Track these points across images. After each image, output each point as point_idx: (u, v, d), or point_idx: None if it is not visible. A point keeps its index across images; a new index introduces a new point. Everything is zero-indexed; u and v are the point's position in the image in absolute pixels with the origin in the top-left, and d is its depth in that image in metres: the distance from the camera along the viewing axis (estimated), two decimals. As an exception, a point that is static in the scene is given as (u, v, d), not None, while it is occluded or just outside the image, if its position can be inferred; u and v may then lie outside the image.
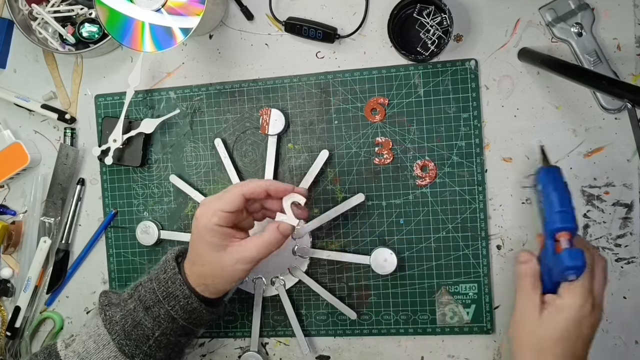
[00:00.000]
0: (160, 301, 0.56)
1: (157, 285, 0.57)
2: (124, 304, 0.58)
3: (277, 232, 0.56)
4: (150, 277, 0.58)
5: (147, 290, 0.57)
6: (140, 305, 0.57)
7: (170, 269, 0.57)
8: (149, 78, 0.71)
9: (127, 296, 0.59)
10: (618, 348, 0.63)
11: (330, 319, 0.68)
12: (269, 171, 0.67)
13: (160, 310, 0.56)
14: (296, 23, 0.66)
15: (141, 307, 0.57)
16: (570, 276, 0.52)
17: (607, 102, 0.61)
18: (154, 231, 0.70)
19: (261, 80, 0.68)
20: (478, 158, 0.64)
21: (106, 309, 0.58)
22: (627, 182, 0.62)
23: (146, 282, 0.58)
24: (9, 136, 0.74)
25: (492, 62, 0.64)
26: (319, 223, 0.66)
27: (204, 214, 0.56)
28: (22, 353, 0.75)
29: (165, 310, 0.56)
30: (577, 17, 0.60)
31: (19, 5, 0.71)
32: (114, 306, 0.58)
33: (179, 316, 0.57)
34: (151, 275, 0.59)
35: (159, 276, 0.58)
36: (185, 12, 0.59)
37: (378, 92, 0.66)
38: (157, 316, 0.56)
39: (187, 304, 0.56)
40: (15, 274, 0.75)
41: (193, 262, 0.57)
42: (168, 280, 0.57)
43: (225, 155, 0.68)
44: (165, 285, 0.57)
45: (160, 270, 0.58)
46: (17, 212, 0.75)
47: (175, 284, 0.57)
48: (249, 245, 0.56)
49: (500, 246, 0.64)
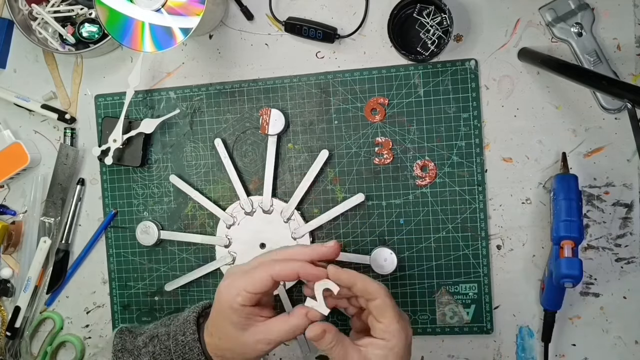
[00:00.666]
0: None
1: (175, 346, 0.55)
2: (137, 352, 0.56)
3: (305, 319, 0.52)
4: (168, 332, 0.56)
5: (162, 348, 0.55)
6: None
7: (190, 333, 0.55)
8: (149, 78, 0.71)
9: (142, 344, 0.57)
10: (618, 348, 0.63)
11: (330, 319, 0.68)
12: (269, 171, 0.67)
13: None
14: (296, 23, 0.66)
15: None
16: (566, 283, 0.54)
17: (607, 102, 0.61)
18: (154, 231, 0.70)
19: (261, 80, 0.68)
20: (478, 158, 0.64)
21: (119, 355, 0.57)
22: (627, 182, 0.62)
23: (163, 336, 0.56)
24: (9, 136, 0.74)
25: (492, 62, 0.64)
26: (319, 223, 0.66)
27: (229, 291, 0.52)
28: (22, 353, 0.75)
29: None
30: (577, 17, 0.60)
31: (19, 5, 0.71)
32: (127, 353, 0.57)
33: None
34: (169, 330, 0.56)
35: (177, 337, 0.55)
36: (185, 12, 0.59)
37: (378, 92, 0.66)
38: None
39: None
40: (15, 274, 0.75)
41: (212, 333, 0.54)
42: (186, 345, 0.55)
43: (225, 155, 0.68)
44: (182, 349, 0.55)
45: (179, 330, 0.56)
46: (17, 212, 0.75)
47: (193, 351, 0.54)
48: (273, 328, 0.53)
49: (500, 246, 0.64)
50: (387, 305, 0.51)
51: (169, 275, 0.71)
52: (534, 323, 0.64)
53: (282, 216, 0.67)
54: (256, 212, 0.68)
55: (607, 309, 0.63)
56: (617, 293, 0.62)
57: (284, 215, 0.67)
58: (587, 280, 0.63)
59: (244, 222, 0.68)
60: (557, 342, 0.63)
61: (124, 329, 0.60)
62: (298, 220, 0.67)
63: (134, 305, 0.73)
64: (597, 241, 0.62)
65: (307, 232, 0.66)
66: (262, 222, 0.68)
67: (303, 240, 0.67)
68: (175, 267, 0.71)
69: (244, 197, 0.68)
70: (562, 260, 0.55)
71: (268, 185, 0.67)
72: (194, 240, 0.69)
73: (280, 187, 0.68)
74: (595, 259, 0.62)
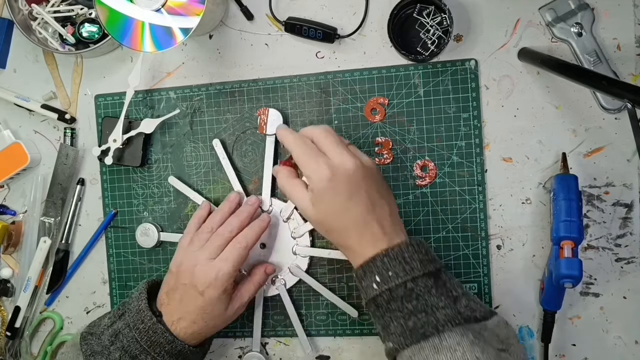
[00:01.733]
0: (146, 350, 0.58)
1: (139, 335, 0.58)
2: (107, 352, 0.59)
3: (265, 275, 0.65)
4: (127, 324, 0.59)
5: (129, 340, 0.59)
6: (127, 356, 0.58)
7: (148, 319, 0.59)
8: (149, 78, 0.71)
9: (108, 342, 0.59)
10: (618, 348, 0.63)
11: (330, 319, 0.68)
12: (268, 171, 0.67)
13: (147, 357, 0.59)
14: (296, 23, 0.66)
15: (127, 357, 0.58)
16: (566, 283, 0.54)
17: (607, 102, 0.61)
18: (153, 233, 0.70)
19: (261, 80, 0.68)
20: (478, 158, 0.64)
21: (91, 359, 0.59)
22: (627, 182, 0.62)
23: (125, 329, 0.59)
24: (9, 136, 0.74)
25: (492, 62, 0.64)
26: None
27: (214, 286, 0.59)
28: (22, 353, 0.75)
29: (152, 357, 0.59)
30: (577, 17, 0.60)
31: (19, 5, 0.71)
32: (98, 355, 0.59)
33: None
34: (127, 322, 0.59)
35: (137, 326, 0.59)
36: (185, 12, 0.59)
37: (378, 92, 0.66)
38: None
39: (172, 348, 0.59)
40: (15, 274, 0.75)
41: (194, 321, 0.60)
42: (149, 330, 0.58)
43: (223, 156, 0.68)
44: (147, 335, 0.58)
45: (137, 320, 0.59)
46: (17, 212, 0.75)
47: (157, 332, 0.58)
48: (244, 292, 0.63)
49: (500, 246, 0.64)
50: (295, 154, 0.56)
51: (169, 275, 0.71)
52: (534, 323, 0.64)
53: (281, 216, 0.67)
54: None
55: (607, 309, 0.63)
56: (617, 293, 0.62)
57: (284, 215, 0.67)
58: (587, 280, 0.63)
59: (244, 222, 0.68)
60: (557, 342, 0.63)
61: (85, 334, 0.62)
62: (297, 219, 0.67)
63: (134, 305, 0.73)
64: (597, 241, 0.62)
65: (306, 231, 0.66)
66: (262, 222, 0.68)
67: (303, 240, 0.67)
68: (175, 267, 0.71)
69: (244, 196, 0.68)
70: (562, 260, 0.55)
71: (267, 185, 0.67)
72: (194, 240, 0.69)
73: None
74: (595, 259, 0.62)
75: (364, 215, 0.53)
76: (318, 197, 0.54)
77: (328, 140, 0.55)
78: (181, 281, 0.60)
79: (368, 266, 0.53)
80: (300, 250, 0.67)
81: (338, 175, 0.53)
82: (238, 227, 0.62)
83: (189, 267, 0.60)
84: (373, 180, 0.55)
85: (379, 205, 0.54)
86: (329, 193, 0.54)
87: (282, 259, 0.67)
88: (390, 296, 0.51)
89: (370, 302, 0.53)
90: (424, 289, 0.51)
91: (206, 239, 0.62)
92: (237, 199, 0.66)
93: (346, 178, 0.53)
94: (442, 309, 0.50)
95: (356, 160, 0.54)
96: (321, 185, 0.53)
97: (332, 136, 0.56)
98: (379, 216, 0.54)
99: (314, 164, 0.54)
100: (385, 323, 0.52)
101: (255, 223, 0.63)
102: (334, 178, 0.53)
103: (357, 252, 0.54)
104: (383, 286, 0.51)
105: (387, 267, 0.52)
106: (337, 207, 0.54)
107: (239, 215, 0.63)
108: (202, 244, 0.62)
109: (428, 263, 0.52)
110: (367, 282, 0.53)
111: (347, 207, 0.53)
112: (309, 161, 0.54)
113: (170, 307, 0.61)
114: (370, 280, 0.52)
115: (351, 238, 0.54)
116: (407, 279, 0.51)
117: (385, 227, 0.54)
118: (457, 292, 0.52)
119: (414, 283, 0.51)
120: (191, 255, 0.61)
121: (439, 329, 0.48)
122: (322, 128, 0.57)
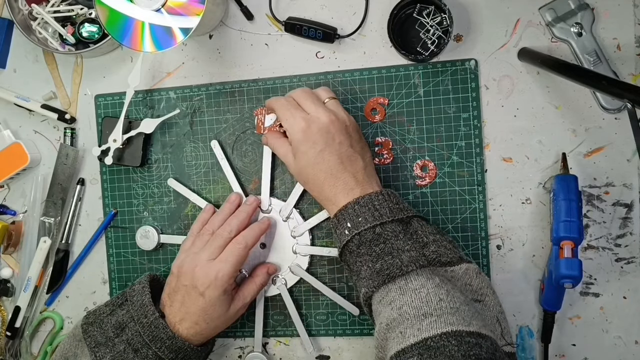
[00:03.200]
0: (147, 344, 0.59)
1: (142, 329, 0.60)
2: (111, 344, 0.60)
3: (267, 275, 0.66)
4: (132, 317, 0.61)
5: (133, 333, 0.60)
6: (130, 348, 0.59)
7: (151, 313, 0.60)
8: (149, 78, 0.71)
9: (113, 334, 0.61)
10: (618, 348, 0.63)
11: (330, 319, 0.68)
12: (266, 171, 0.67)
13: (148, 352, 0.59)
14: (296, 23, 0.66)
15: (130, 350, 0.59)
16: (566, 283, 0.54)
17: (607, 102, 0.61)
18: (153, 236, 0.70)
19: (261, 80, 0.68)
20: (478, 158, 0.64)
21: (95, 351, 0.60)
22: (627, 182, 0.62)
23: (130, 322, 0.60)
24: (9, 136, 0.74)
25: (492, 62, 0.64)
26: (318, 220, 0.66)
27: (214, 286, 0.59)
28: (22, 353, 0.75)
29: (153, 351, 0.59)
30: (577, 17, 0.60)
31: (19, 5, 0.71)
32: (102, 346, 0.60)
33: (166, 356, 0.60)
34: (132, 315, 0.61)
35: (141, 320, 0.60)
36: (185, 12, 0.59)
37: (378, 92, 0.66)
38: (146, 357, 0.59)
39: (172, 344, 0.60)
40: (15, 274, 0.75)
41: (196, 322, 0.60)
42: (151, 324, 0.60)
43: (222, 156, 0.68)
44: (149, 329, 0.60)
45: (141, 314, 0.60)
46: (17, 212, 0.76)
47: (159, 328, 0.59)
48: (246, 293, 0.64)
49: (500, 246, 0.64)
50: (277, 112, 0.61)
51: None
52: (534, 323, 0.64)
53: (280, 215, 0.67)
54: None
55: (607, 309, 0.63)
56: (617, 293, 0.62)
57: (283, 214, 0.67)
58: (587, 280, 0.63)
59: (244, 223, 0.68)
60: (557, 342, 0.63)
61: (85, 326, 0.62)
62: (297, 218, 0.67)
63: (134, 305, 0.73)
64: (597, 241, 0.62)
65: (306, 229, 0.66)
66: (262, 222, 0.68)
67: (303, 238, 0.67)
68: (175, 267, 0.71)
69: (243, 197, 0.68)
70: (561, 260, 0.55)
71: (266, 185, 0.67)
72: (194, 241, 0.70)
73: (281, 186, 0.68)
74: (595, 259, 0.62)
75: (337, 165, 0.57)
76: (296, 148, 0.59)
77: (305, 97, 0.60)
78: (182, 282, 0.61)
79: (341, 214, 0.56)
80: (301, 249, 0.67)
81: (312, 126, 0.57)
82: (237, 227, 0.63)
83: (189, 269, 0.61)
84: (347, 134, 0.58)
85: (352, 158, 0.58)
86: (305, 144, 0.58)
87: (282, 258, 0.67)
88: (360, 240, 0.54)
89: (344, 250, 0.56)
90: (391, 233, 0.54)
91: (207, 240, 0.62)
92: (238, 200, 0.66)
93: (319, 129, 0.57)
94: (407, 252, 0.52)
95: (330, 113, 0.58)
96: (298, 137, 0.58)
97: (309, 93, 0.60)
98: (353, 168, 0.57)
99: (291, 117, 0.59)
100: (357, 269, 0.55)
101: (255, 225, 0.64)
102: (308, 129, 0.57)
103: (332, 202, 0.58)
104: (353, 231, 0.55)
105: (357, 214, 0.55)
106: (312, 157, 0.58)
107: (238, 216, 0.64)
108: (202, 245, 0.62)
109: (398, 211, 0.55)
110: (340, 230, 0.56)
111: (322, 158, 0.57)
112: (287, 114, 0.59)
113: (173, 309, 0.61)
114: (343, 228, 0.56)
115: (325, 188, 0.58)
116: (376, 224, 0.54)
117: (358, 178, 0.57)
118: (428, 238, 0.54)
119: (381, 228, 0.54)
120: (192, 257, 0.61)
121: (404, 270, 0.51)
122: (301, 89, 0.62)
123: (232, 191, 0.68)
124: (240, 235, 0.62)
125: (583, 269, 0.57)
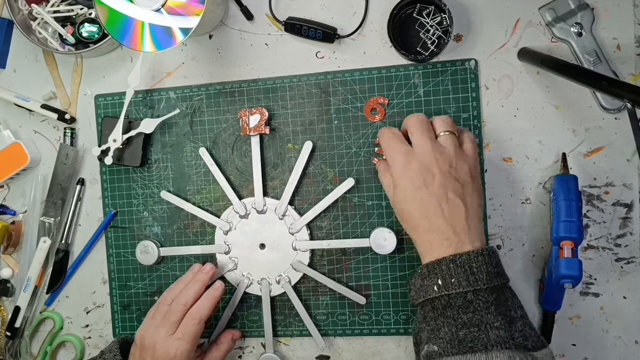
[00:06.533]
0: None
1: None
2: None
3: (232, 342, 0.68)
4: None
5: None
6: None
7: None
8: (149, 78, 0.71)
9: None
10: (618, 348, 0.63)
11: (330, 319, 0.68)
12: (257, 171, 0.67)
13: None
14: (296, 23, 0.66)
15: None
16: (566, 283, 0.54)
17: (607, 102, 0.61)
18: (153, 250, 0.70)
19: (261, 80, 0.68)
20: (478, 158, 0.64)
21: None
22: (627, 182, 0.62)
23: None
24: (9, 136, 0.74)
25: (492, 62, 0.64)
26: (314, 215, 0.66)
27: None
28: (22, 353, 0.75)
29: None
30: (577, 17, 0.60)
31: (18, 5, 0.71)
32: None
33: None
34: None
35: None
36: (185, 12, 0.59)
37: (378, 92, 0.66)
38: None
39: None
40: (15, 274, 0.75)
41: None
42: None
43: (211, 163, 0.68)
44: None
45: None
46: (17, 212, 0.76)
47: None
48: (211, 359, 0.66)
49: (500, 246, 0.64)
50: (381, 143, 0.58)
51: (169, 275, 0.71)
52: (534, 323, 0.64)
53: (276, 213, 0.67)
54: (251, 213, 0.68)
55: (607, 309, 0.63)
56: (617, 293, 0.62)
57: (278, 212, 0.67)
58: (587, 280, 0.63)
59: (240, 226, 0.68)
60: (557, 342, 0.63)
61: None
62: (293, 215, 0.67)
63: (133, 305, 0.73)
64: (597, 241, 0.62)
65: (303, 225, 0.66)
66: (258, 222, 0.68)
67: (301, 234, 0.67)
68: (176, 267, 0.71)
69: (236, 201, 0.68)
70: (561, 260, 0.55)
71: (258, 185, 0.67)
72: (194, 252, 0.70)
73: (280, 186, 0.68)
74: (595, 259, 0.62)
75: (434, 209, 0.52)
76: (395, 182, 0.56)
77: (417, 126, 0.56)
78: (144, 357, 0.62)
79: (433, 267, 0.52)
80: (300, 244, 0.67)
81: (412, 163, 0.54)
82: (193, 297, 0.63)
83: (150, 345, 0.62)
84: (450, 176, 0.53)
85: (453, 204, 0.53)
86: (403, 179, 0.54)
87: (282, 257, 0.67)
88: (448, 302, 0.51)
89: (427, 302, 0.53)
90: (483, 304, 0.50)
91: (164, 312, 0.63)
92: (199, 270, 0.67)
93: (419, 166, 0.54)
94: (495, 329, 0.49)
95: (435, 150, 0.54)
96: (397, 171, 0.55)
97: (421, 123, 0.56)
98: (452, 215, 0.52)
99: (391, 151, 0.56)
100: (436, 326, 0.51)
101: (209, 293, 0.64)
102: (408, 165, 0.54)
103: (426, 248, 0.54)
104: (443, 291, 0.51)
105: (451, 274, 0.51)
106: (409, 194, 0.54)
107: (194, 286, 0.64)
108: (162, 317, 0.63)
109: (495, 277, 0.51)
110: (428, 282, 0.52)
111: (419, 197, 0.53)
112: (388, 148, 0.57)
113: None
114: (432, 282, 0.52)
115: (420, 230, 0.54)
116: (469, 290, 0.50)
117: (457, 229, 0.52)
118: (516, 313, 0.51)
119: (474, 295, 0.50)
120: (152, 332, 0.62)
121: (488, 348, 0.48)
122: (417, 115, 0.57)
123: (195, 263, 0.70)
124: (194, 308, 0.63)
125: (583, 269, 0.57)
